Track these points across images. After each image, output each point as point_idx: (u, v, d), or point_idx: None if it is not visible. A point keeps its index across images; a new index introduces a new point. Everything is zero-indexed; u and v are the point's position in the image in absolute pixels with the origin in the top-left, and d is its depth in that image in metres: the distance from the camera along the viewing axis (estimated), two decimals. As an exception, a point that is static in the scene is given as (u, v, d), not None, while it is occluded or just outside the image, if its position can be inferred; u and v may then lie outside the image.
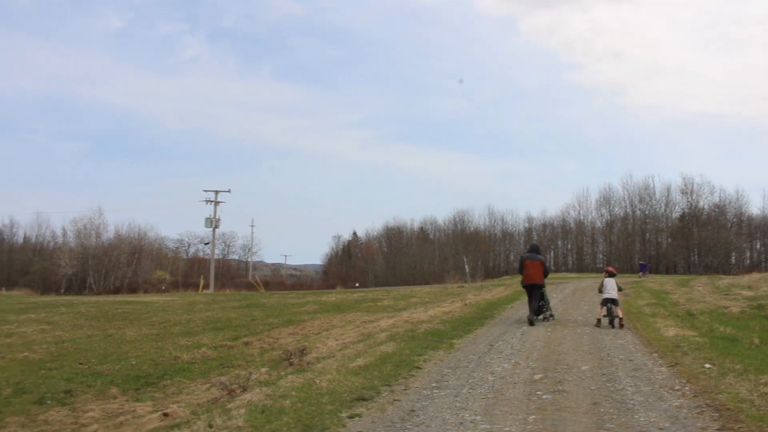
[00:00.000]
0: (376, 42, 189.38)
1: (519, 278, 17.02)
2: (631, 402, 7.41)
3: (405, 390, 8.13)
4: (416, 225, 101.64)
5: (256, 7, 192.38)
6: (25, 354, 13.85)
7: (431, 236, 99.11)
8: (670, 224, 77.94)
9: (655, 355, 10.76)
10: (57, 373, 11.34)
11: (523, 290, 17.01)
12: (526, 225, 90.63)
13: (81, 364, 12.43)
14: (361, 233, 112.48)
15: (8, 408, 8.68)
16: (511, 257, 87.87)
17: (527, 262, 16.43)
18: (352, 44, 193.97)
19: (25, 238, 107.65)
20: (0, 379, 10.70)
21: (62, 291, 78.10)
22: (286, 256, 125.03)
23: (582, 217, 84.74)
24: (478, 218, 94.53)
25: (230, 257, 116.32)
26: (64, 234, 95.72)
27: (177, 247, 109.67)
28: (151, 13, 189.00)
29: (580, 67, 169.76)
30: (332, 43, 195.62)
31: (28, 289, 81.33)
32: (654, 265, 67.89)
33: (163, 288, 72.52)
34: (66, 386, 10.07)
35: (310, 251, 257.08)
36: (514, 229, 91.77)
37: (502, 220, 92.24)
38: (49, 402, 9.06)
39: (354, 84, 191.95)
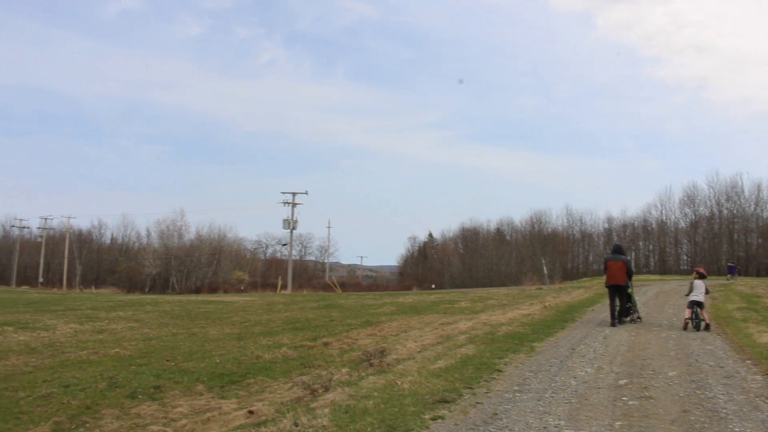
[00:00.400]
0: (450, 42, 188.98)
1: (599, 280, 16.70)
2: (724, 411, 7.12)
3: (487, 393, 8.06)
4: (492, 226, 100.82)
5: (330, 10, 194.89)
6: (116, 350, 14.41)
7: (508, 237, 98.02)
8: (760, 224, 74.56)
9: (748, 362, 10.33)
10: (146, 369, 11.74)
11: (606, 292, 16.67)
12: (606, 225, 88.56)
13: (168, 361, 12.84)
14: (437, 234, 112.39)
15: (104, 401, 9.06)
16: (591, 258, 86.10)
17: (610, 263, 16.17)
18: (426, 44, 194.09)
19: (112, 238, 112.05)
20: (95, 373, 11.16)
21: (146, 290, 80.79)
22: (362, 257, 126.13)
23: (664, 217, 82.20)
24: (556, 219, 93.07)
25: (307, 258, 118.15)
26: (149, 235, 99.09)
27: (255, 248, 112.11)
28: (229, 19, 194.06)
29: (660, 61, 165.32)
30: (406, 43, 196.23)
31: (115, 287, 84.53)
32: (743, 267, 65.14)
33: (242, 288, 74.12)
34: (155, 382, 10.42)
35: (385, 252, 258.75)
36: (593, 229, 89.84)
37: (581, 220, 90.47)
38: (140, 396, 9.40)
39: (428, 84, 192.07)
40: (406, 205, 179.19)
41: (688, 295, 15.46)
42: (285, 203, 67.90)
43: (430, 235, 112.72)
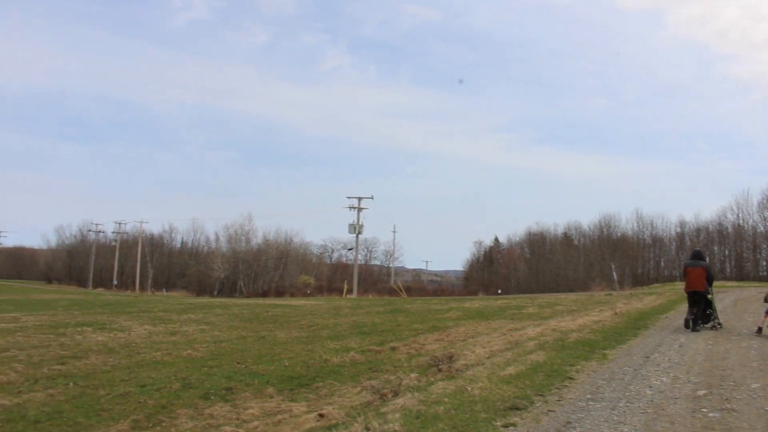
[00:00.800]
0: (514, 43, 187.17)
1: (671, 286, 16.33)
2: (813, 425, 6.81)
3: (559, 401, 7.91)
4: (560, 230, 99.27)
5: (394, 15, 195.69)
6: (189, 352, 14.72)
7: (576, 242, 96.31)
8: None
9: (835, 373, 9.86)
10: (218, 371, 11.95)
11: (682, 299, 16.25)
12: (678, 230, 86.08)
13: (238, 363, 13.04)
14: (502, 239, 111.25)
15: (178, 401, 9.26)
16: (662, 264, 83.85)
17: (688, 269, 15.81)
18: (490, 47, 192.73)
19: (182, 243, 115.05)
20: (169, 374, 11.43)
21: (215, 293, 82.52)
22: (427, 261, 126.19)
23: (741, 221, 79.34)
24: (626, 223, 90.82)
25: (372, 262, 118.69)
26: (217, 239, 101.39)
27: (321, 253, 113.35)
28: (294, 27, 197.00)
29: (735, 58, 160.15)
30: (470, 46, 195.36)
31: (185, 290, 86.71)
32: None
33: (309, 292, 74.91)
34: (227, 384, 10.59)
35: (450, 257, 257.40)
36: (665, 234, 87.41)
37: (652, 224, 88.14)
38: (212, 397, 9.57)
39: (493, 87, 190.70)
40: (471, 209, 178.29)
41: (766, 300, 14.90)
42: (351, 208, 68.51)
43: (496, 239, 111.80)
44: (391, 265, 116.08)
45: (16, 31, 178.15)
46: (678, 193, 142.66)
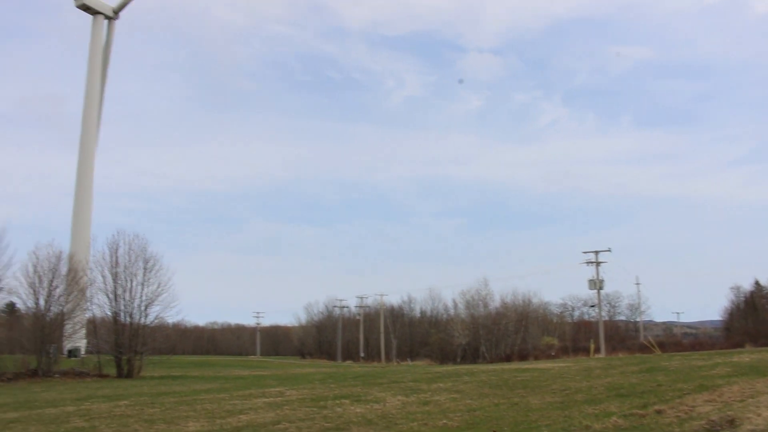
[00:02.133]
0: (743, 66, 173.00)
1: None
2: None
3: None
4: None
5: (604, 60, 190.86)
6: (444, 422, 14.72)
7: None
8: None
9: None
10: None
11: None
12: None
13: (495, 431, 12.77)
14: (764, 281, 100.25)
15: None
16: None
17: None
18: (714, 75, 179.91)
19: (421, 312, 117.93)
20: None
21: (458, 360, 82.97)
22: (678, 313, 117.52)
23: None
24: None
25: (617, 318, 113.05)
26: (455, 306, 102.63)
27: (561, 312, 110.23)
28: (506, 88, 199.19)
29: None
30: (691, 78, 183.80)
31: (428, 359, 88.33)
32: None
33: (553, 354, 72.84)
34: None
35: (704, 306, 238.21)
36: None
37: None
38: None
39: (725, 117, 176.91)
40: (721, 252, 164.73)
41: None
42: (588, 263, 66.25)
43: (757, 282, 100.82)
44: (638, 320, 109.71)
45: (258, 129, 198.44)
46: None
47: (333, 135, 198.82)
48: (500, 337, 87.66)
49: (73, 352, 58.58)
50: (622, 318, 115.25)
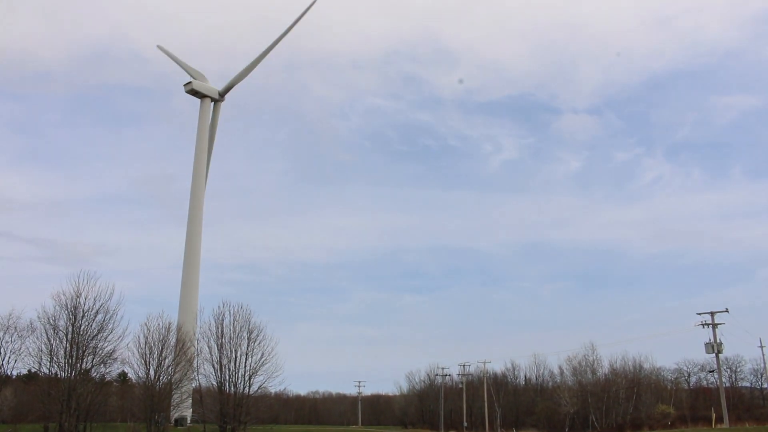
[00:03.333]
0: None
1: None
2: None
3: None
4: None
5: (707, 112, 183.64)
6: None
7: None
8: None
9: None
10: None
11: None
12: None
13: None
14: None
15: None
16: None
17: None
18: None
19: (526, 379, 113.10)
20: None
21: (566, 429, 78.43)
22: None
23: None
24: None
25: (740, 384, 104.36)
26: (561, 373, 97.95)
27: (676, 378, 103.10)
28: (606, 147, 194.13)
29: None
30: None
31: (534, 428, 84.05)
32: None
33: (669, 423, 67.68)
34: None
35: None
36: None
37: None
38: None
39: None
40: None
41: None
42: (703, 325, 61.35)
43: None
44: (764, 386, 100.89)
45: (357, 199, 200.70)
46: None
47: (432, 202, 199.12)
48: (611, 405, 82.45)
49: (179, 421, 58.70)
50: (746, 384, 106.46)
